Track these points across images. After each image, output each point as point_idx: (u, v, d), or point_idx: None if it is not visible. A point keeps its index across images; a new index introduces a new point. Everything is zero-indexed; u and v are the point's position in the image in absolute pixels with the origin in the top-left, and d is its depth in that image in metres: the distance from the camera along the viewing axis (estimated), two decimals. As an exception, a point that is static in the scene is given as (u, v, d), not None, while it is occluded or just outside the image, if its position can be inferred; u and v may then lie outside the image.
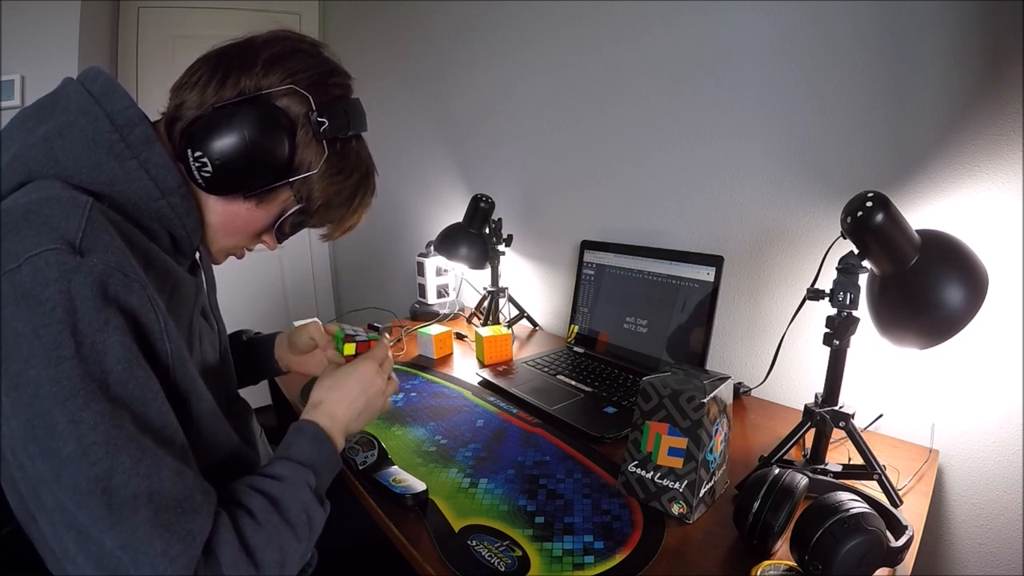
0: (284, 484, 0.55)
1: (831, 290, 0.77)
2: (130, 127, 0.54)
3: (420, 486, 0.77)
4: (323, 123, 0.58)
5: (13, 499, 0.52)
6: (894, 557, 0.59)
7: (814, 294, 0.79)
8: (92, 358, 0.44)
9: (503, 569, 0.64)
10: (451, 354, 1.36)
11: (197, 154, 0.55)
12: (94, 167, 0.52)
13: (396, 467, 0.83)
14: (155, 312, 0.51)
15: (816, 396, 0.83)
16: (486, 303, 1.57)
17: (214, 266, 0.74)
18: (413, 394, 1.12)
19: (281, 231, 0.66)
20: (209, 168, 0.55)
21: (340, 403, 0.65)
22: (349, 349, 0.72)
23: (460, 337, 1.48)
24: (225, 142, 0.54)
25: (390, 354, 0.74)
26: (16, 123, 0.55)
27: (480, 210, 1.48)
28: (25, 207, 0.47)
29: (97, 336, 0.45)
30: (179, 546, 0.44)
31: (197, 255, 0.67)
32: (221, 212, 0.61)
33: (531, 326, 1.61)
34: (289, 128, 0.57)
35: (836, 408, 0.79)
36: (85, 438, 0.43)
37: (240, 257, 0.70)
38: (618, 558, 0.65)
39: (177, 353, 0.53)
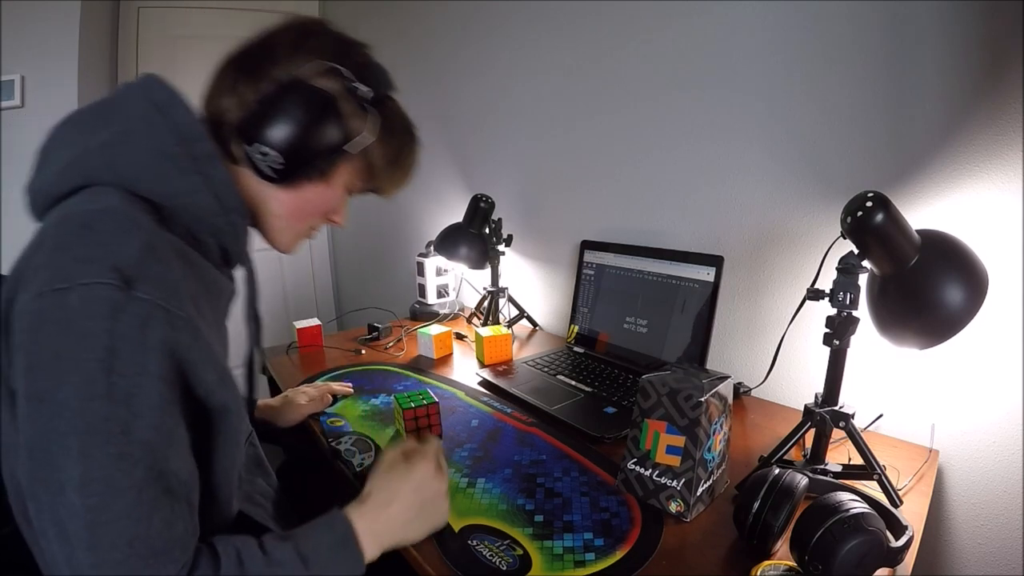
0: (272, 569, 0.51)
1: (831, 290, 0.77)
2: (193, 141, 0.55)
3: (420, 486, 0.77)
4: (362, 89, 0.59)
5: (11, 492, 0.52)
6: (894, 557, 0.59)
7: (814, 294, 0.79)
8: (122, 401, 0.45)
9: (505, 568, 0.63)
10: (451, 354, 1.36)
11: (263, 150, 0.56)
12: (156, 178, 0.53)
13: (396, 467, 0.82)
14: (197, 346, 0.50)
15: (816, 396, 0.83)
16: (486, 303, 1.57)
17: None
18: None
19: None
20: (280, 160, 0.56)
21: (390, 505, 0.60)
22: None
23: (460, 337, 1.48)
24: (284, 131, 0.55)
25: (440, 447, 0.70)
26: (70, 126, 0.55)
27: (480, 210, 1.48)
28: (82, 219, 0.47)
29: (133, 380, 0.45)
30: None
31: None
32: (289, 201, 0.62)
33: (531, 326, 1.61)
34: (334, 103, 0.58)
35: (836, 408, 0.79)
36: (89, 473, 0.43)
37: (311, 239, 0.70)
38: (619, 554, 0.66)
39: (219, 381, 0.53)
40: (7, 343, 0.47)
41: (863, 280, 0.76)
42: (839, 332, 0.76)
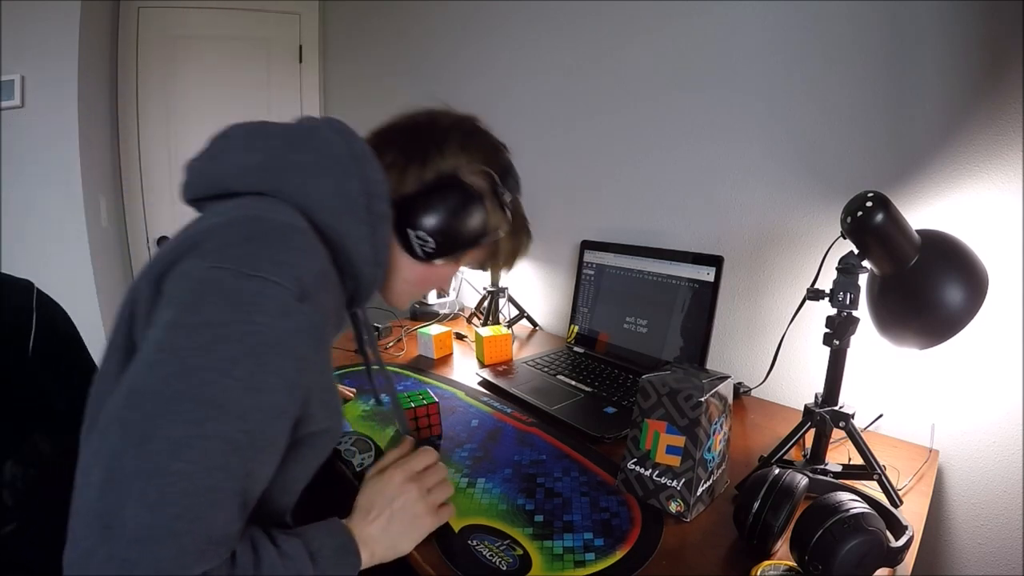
0: (284, 561, 0.52)
1: (831, 290, 0.77)
2: (376, 197, 0.59)
3: (420, 486, 0.77)
4: (505, 193, 0.68)
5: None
6: (894, 557, 0.59)
7: (814, 294, 0.79)
8: (252, 390, 0.46)
9: (505, 568, 0.63)
10: (451, 354, 1.36)
11: (420, 234, 0.63)
12: (335, 216, 0.57)
13: (396, 467, 0.82)
14: (326, 371, 0.55)
15: (816, 396, 0.83)
16: (486, 303, 1.57)
17: None
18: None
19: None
20: (433, 245, 0.64)
21: (367, 515, 0.62)
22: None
23: (460, 337, 1.48)
24: (440, 220, 0.63)
25: (428, 459, 0.69)
26: (257, 131, 0.59)
27: (480, 210, 1.48)
28: (281, 228, 0.51)
29: (268, 377, 0.46)
30: (172, 568, 0.42)
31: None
32: (422, 272, 0.68)
33: (531, 326, 1.61)
34: (481, 200, 0.65)
35: (836, 408, 0.79)
36: (189, 441, 0.43)
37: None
38: (619, 554, 0.66)
39: (333, 406, 0.58)
40: (153, 300, 0.49)
41: (863, 280, 0.76)
42: (839, 332, 0.76)
